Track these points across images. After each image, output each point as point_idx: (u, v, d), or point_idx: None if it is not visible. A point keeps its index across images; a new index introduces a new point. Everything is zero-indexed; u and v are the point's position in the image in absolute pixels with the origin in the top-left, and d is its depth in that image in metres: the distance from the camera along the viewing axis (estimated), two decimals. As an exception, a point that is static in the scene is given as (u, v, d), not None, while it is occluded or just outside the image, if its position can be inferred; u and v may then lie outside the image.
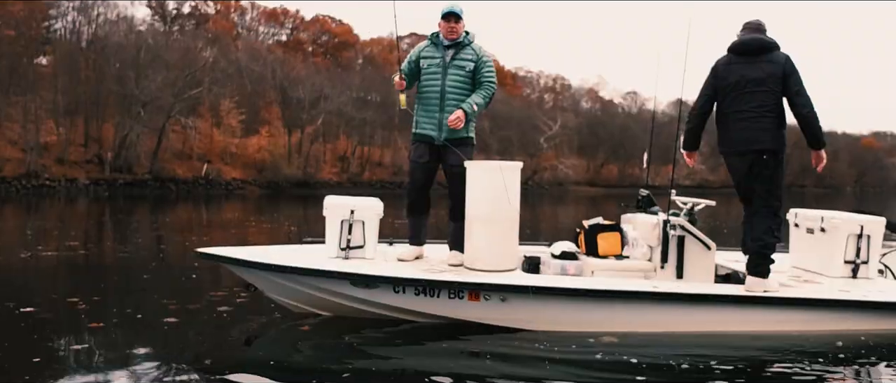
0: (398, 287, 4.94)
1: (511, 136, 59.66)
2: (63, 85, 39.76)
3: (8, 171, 35.38)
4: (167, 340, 4.83)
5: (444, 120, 5.38)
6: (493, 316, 4.95)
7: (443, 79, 5.41)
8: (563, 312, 4.91)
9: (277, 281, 5.14)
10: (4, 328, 5.01)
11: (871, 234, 5.66)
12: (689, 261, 5.20)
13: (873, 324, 5.05)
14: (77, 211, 21.10)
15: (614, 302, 4.89)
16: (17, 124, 37.89)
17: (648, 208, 5.77)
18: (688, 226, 5.23)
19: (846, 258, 5.65)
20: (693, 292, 4.94)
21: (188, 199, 30.26)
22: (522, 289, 4.81)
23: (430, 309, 5.00)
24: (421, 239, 5.66)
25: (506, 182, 5.11)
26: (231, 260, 5.20)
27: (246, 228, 15.17)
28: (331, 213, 5.37)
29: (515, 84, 74.16)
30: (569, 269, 5.29)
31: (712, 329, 4.97)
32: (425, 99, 5.48)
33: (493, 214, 5.12)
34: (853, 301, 5.05)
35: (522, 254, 5.52)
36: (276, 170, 44.58)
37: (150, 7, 55.78)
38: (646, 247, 5.39)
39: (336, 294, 5.06)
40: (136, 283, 7.33)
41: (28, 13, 40.21)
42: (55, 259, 9.20)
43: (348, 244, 5.33)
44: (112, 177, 38.11)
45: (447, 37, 5.44)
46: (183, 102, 41.43)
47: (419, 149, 5.53)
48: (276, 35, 65.07)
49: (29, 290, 6.88)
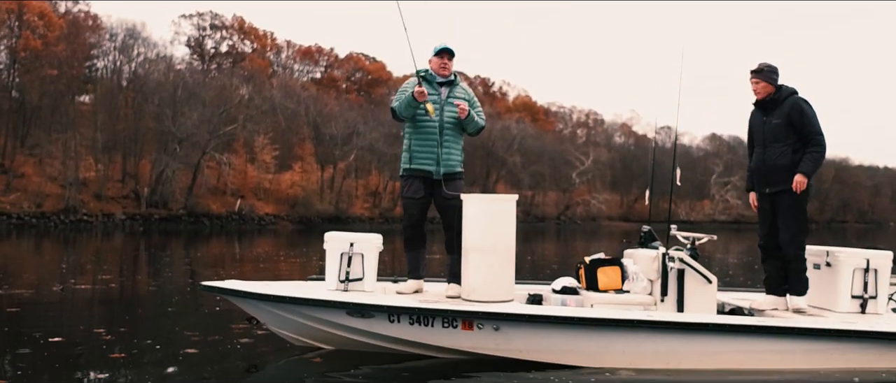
0: (393, 316, 4.94)
1: (543, 171, 59.48)
2: (102, 122, 40.69)
3: (48, 206, 36.14)
4: (178, 370, 4.82)
5: (442, 155, 5.47)
6: (487, 346, 4.92)
7: (441, 115, 5.49)
8: (557, 342, 4.86)
9: (276, 312, 5.18)
10: (30, 357, 5.11)
11: (878, 268, 5.52)
12: (690, 294, 5.23)
13: (882, 358, 4.95)
14: (112, 245, 21.35)
15: (610, 333, 4.83)
16: (57, 160, 38.79)
17: (650, 243, 5.80)
18: (687, 259, 5.26)
19: (853, 293, 5.51)
20: (685, 321, 4.90)
21: (221, 234, 30.50)
22: (515, 317, 4.80)
23: (424, 338, 4.98)
24: (420, 272, 5.69)
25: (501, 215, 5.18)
26: (232, 292, 5.27)
27: (277, 263, 15.15)
28: (331, 247, 5.43)
29: (548, 119, 74.11)
30: (569, 304, 5.31)
31: (712, 362, 4.88)
32: (423, 135, 5.52)
33: (489, 246, 5.15)
34: (858, 331, 4.93)
35: (527, 293, 5.58)
36: (308, 206, 44.91)
37: (189, 46, 57.23)
38: (646, 281, 5.41)
39: (333, 324, 5.07)
40: (163, 315, 7.38)
41: (70, 53, 41.39)
42: (87, 292, 9.24)
43: (347, 276, 5.37)
44: (148, 212, 38.70)
45: (440, 73, 5.56)
46: (218, 139, 42.13)
47: (414, 185, 5.55)
48: (310, 72, 66.11)
49: (58, 322, 6.94)
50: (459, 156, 5.64)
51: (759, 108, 5.67)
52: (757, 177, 5.66)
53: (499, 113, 64.22)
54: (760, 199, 5.65)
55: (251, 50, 60.76)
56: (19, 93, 41.20)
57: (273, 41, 63.63)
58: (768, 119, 5.54)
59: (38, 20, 42.01)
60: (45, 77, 40.55)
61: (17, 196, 36.18)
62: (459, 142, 5.64)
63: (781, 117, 5.46)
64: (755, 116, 5.71)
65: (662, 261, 5.22)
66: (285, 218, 43.57)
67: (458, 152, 5.62)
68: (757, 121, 5.68)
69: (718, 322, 4.93)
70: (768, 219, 5.59)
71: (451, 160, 5.53)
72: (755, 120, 5.71)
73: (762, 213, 5.65)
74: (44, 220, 35.00)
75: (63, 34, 42.02)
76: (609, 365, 4.84)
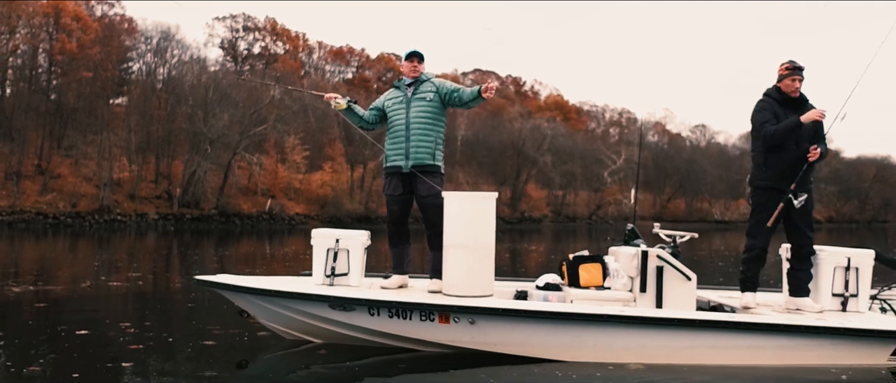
0: (373, 309, 5.12)
1: (574, 171, 58.96)
2: (136, 124, 41.23)
3: (83, 206, 36.70)
4: (181, 363, 5.05)
5: (410, 149, 5.63)
6: (463, 339, 5.08)
7: (407, 112, 5.69)
8: (530, 336, 5.02)
9: (264, 305, 5.38)
10: (55, 347, 5.41)
11: (859, 267, 5.59)
12: (669, 291, 5.31)
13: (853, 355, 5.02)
14: (145, 245, 21.52)
15: (581, 327, 4.98)
16: (92, 161, 39.38)
17: (632, 241, 5.90)
18: (666, 256, 5.35)
19: (834, 291, 5.59)
20: (650, 316, 5.00)
21: (252, 234, 30.65)
22: (488, 311, 4.93)
23: (403, 331, 5.15)
24: (404, 268, 5.85)
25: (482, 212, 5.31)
26: (223, 286, 5.44)
27: (304, 261, 15.07)
28: (317, 243, 5.61)
29: (580, 118, 73.49)
30: (551, 299, 5.45)
31: (682, 357, 4.99)
32: (392, 132, 5.76)
33: (469, 243, 5.26)
34: (828, 328, 4.99)
35: (515, 289, 5.80)
36: (338, 206, 45.02)
37: (223, 48, 57.80)
38: (626, 278, 5.53)
39: (317, 317, 5.25)
40: (186, 310, 7.54)
41: (104, 55, 42.02)
42: (117, 288, 9.36)
43: (333, 272, 5.53)
44: (180, 212, 39.10)
45: (409, 76, 5.79)
46: (248, 139, 42.40)
47: (392, 183, 5.74)
48: (342, 73, 66.33)
49: (86, 316, 7.11)
50: (429, 149, 5.66)
51: (788, 106, 5.58)
52: (787, 175, 5.47)
53: (530, 112, 63.87)
54: (775, 197, 5.50)
55: (283, 51, 61.15)
56: (56, 95, 41.96)
57: (305, 42, 63.96)
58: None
59: (73, 23, 42.72)
60: (81, 79, 41.23)
61: (53, 196, 36.81)
62: (430, 135, 5.67)
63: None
64: (781, 111, 5.56)
65: (642, 259, 5.33)
66: (315, 218, 43.70)
67: (427, 145, 5.65)
68: (784, 117, 5.53)
69: (683, 317, 5.01)
70: (777, 220, 5.53)
71: (420, 152, 5.62)
72: (781, 115, 5.55)
73: (772, 212, 5.50)
74: (79, 220, 35.54)
75: (98, 37, 42.68)
76: (582, 358, 4.99)
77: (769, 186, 5.51)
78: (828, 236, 40.94)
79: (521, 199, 57.64)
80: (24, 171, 37.35)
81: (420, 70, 5.77)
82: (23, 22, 40.37)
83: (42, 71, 42.60)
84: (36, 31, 41.10)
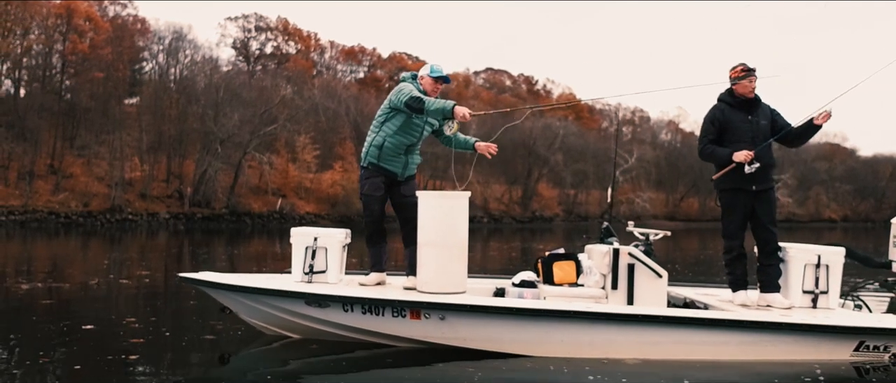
0: (347, 305, 5.25)
1: (586, 170, 58.66)
2: (148, 123, 41.34)
3: (94, 206, 36.83)
4: (176, 355, 5.31)
5: (411, 161, 5.88)
6: (434, 335, 5.21)
7: (422, 131, 5.88)
8: (498, 332, 5.12)
9: (244, 302, 5.53)
10: (60, 340, 5.56)
11: (829, 264, 5.66)
12: (640, 288, 5.42)
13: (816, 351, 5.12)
14: (156, 243, 21.53)
15: (548, 323, 5.08)
16: (104, 161, 39.53)
17: (607, 239, 6.03)
18: (637, 254, 5.45)
19: (805, 288, 5.65)
20: (615, 312, 5.10)
21: (263, 233, 30.66)
22: (456, 308, 5.05)
23: (376, 327, 5.28)
24: (382, 265, 5.97)
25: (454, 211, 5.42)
26: (205, 283, 5.60)
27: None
28: (296, 242, 5.74)
29: (592, 117, 73.11)
30: (526, 296, 5.57)
31: (647, 352, 5.07)
32: (404, 138, 5.80)
33: (441, 241, 5.36)
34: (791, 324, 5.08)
35: (494, 286, 5.98)
36: (348, 205, 44.90)
37: (235, 48, 57.92)
38: (599, 275, 5.63)
39: (294, 313, 5.40)
40: (192, 307, 7.55)
41: (116, 56, 42.16)
42: (126, 286, 9.40)
43: (311, 269, 5.66)
44: (191, 211, 39.17)
45: (430, 93, 5.83)
46: (259, 139, 42.43)
47: (377, 183, 5.82)
48: (354, 72, 66.27)
49: (92, 312, 7.18)
50: (420, 159, 6.06)
51: (742, 108, 5.74)
52: (745, 174, 5.60)
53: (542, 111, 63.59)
54: (742, 197, 5.68)
55: (295, 51, 61.20)
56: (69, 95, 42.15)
57: (317, 42, 63.97)
58: (754, 119, 5.70)
59: (85, 24, 42.89)
60: (93, 80, 41.39)
61: (65, 196, 36.97)
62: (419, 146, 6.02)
63: (766, 118, 5.72)
64: (735, 114, 5.73)
65: (613, 256, 5.43)
66: (326, 217, 43.67)
67: (419, 157, 6.04)
68: (739, 118, 5.71)
69: (650, 313, 5.08)
70: (747, 217, 5.72)
71: (416, 164, 5.98)
72: (736, 117, 5.72)
73: (743, 211, 5.70)
74: (91, 219, 35.67)
75: (109, 37, 42.83)
76: (550, 354, 5.08)
77: (732, 187, 5.67)
78: (843, 235, 40.56)
79: (532, 198, 57.41)
80: (36, 171, 37.52)
81: (439, 91, 5.88)
82: (36, 23, 40.57)
83: (55, 71, 42.78)
84: (49, 32, 41.29)
